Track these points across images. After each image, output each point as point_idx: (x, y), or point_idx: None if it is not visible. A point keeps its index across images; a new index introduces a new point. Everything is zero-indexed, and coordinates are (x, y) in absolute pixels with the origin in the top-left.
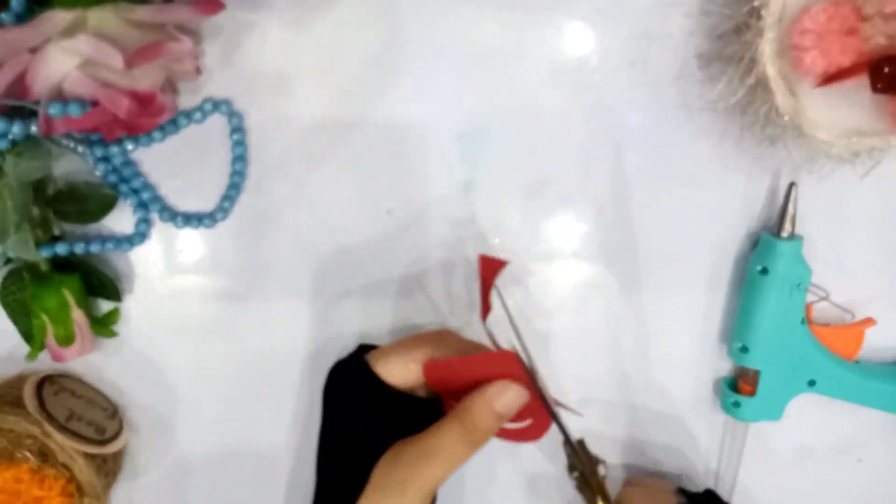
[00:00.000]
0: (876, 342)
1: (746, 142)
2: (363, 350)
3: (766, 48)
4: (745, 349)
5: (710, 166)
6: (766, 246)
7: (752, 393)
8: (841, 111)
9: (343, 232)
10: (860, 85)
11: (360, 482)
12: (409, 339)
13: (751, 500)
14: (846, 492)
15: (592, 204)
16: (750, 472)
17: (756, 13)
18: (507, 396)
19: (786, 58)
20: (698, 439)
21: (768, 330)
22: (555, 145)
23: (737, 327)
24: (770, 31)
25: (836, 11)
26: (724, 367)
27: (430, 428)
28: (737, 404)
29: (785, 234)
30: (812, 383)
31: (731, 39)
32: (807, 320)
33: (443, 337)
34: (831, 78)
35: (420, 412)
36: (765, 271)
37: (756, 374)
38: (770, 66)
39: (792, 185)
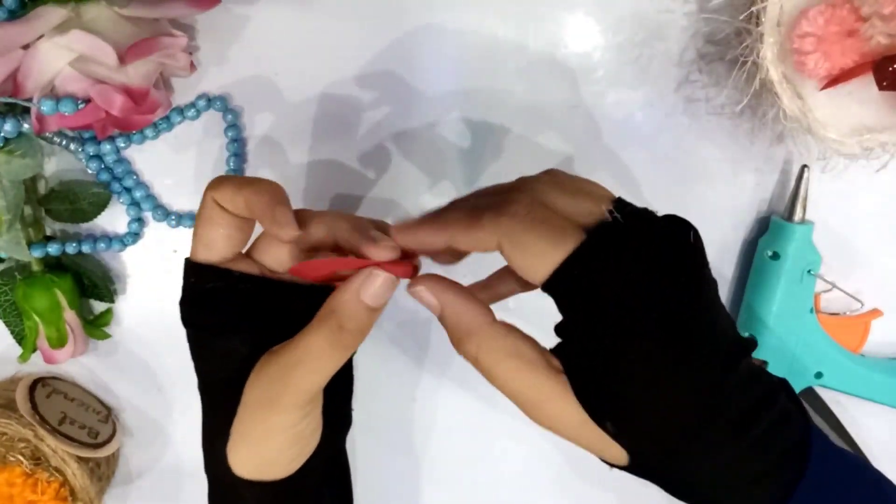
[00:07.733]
0: (881, 337)
1: (755, 139)
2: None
3: (768, 52)
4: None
5: (714, 159)
6: (777, 230)
7: None
8: (849, 109)
9: None
10: (866, 81)
11: (236, 400)
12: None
13: None
14: None
15: None
16: None
17: (755, 18)
18: (374, 286)
19: (788, 61)
20: None
21: (777, 318)
22: (556, 141)
23: (744, 316)
24: (770, 36)
25: (833, 13)
26: None
27: (300, 332)
28: None
29: (797, 217)
30: (819, 375)
31: (732, 43)
32: (814, 310)
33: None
34: (836, 79)
35: (299, 299)
36: (775, 256)
37: (763, 365)
38: (773, 71)
39: (804, 167)
